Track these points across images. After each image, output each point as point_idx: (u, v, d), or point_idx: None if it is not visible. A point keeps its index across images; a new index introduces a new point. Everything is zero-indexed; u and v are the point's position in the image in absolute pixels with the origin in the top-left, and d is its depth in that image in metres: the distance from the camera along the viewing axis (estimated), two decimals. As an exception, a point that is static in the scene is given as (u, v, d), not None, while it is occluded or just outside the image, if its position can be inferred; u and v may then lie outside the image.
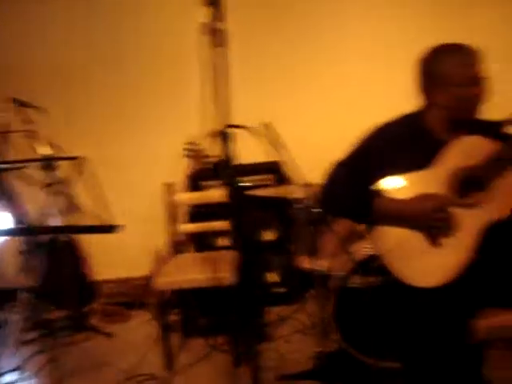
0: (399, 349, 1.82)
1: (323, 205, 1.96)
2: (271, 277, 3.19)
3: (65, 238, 3.24)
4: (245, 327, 2.83)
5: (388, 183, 1.76)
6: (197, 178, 3.17)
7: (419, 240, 1.72)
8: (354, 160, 1.85)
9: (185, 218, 3.09)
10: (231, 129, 1.86)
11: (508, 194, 1.69)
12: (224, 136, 1.87)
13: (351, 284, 2.31)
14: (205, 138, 2.18)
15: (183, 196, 3.03)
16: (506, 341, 2.26)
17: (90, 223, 2.76)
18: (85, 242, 3.38)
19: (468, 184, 1.71)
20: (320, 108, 3.47)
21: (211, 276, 2.52)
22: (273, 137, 2.42)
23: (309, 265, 2.64)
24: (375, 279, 2.16)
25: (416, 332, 1.68)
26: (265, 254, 3.17)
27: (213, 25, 1.67)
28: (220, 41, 1.68)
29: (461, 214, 1.70)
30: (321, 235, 2.64)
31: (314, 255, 2.63)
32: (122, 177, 3.48)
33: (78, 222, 2.96)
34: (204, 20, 1.66)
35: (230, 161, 1.93)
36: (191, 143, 2.80)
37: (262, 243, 3.17)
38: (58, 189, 2.96)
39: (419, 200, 1.71)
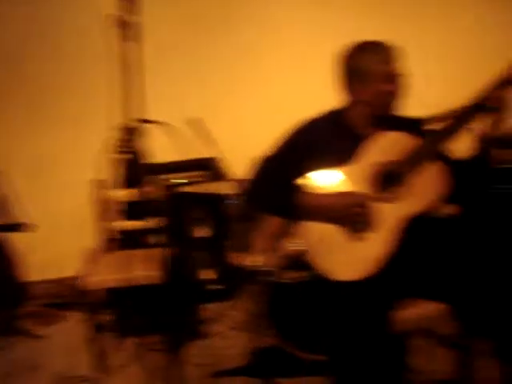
0: (325, 341, 1.84)
1: (248, 200, 1.96)
2: (206, 274, 3.17)
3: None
4: (178, 325, 2.81)
5: (311, 179, 1.78)
6: (127, 175, 3.11)
7: (341, 235, 1.75)
8: (279, 155, 1.86)
9: (116, 216, 3.03)
10: (145, 124, 1.82)
11: (426, 188, 1.73)
12: (134, 131, 1.83)
13: (282, 279, 2.32)
14: (121, 134, 2.13)
15: (114, 193, 2.97)
16: (427, 330, 2.34)
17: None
18: (13, 243, 3.26)
19: (388, 179, 1.75)
20: (251, 103, 3.46)
21: (143, 274, 2.49)
22: (203, 133, 2.40)
23: (243, 261, 2.64)
24: (305, 274, 2.17)
25: (339, 324, 1.71)
26: (199, 251, 3.15)
27: (124, 17, 1.63)
28: (132, 34, 1.64)
29: (381, 209, 1.73)
30: (253, 231, 2.64)
31: (248, 251, 2.63)
32: (46, 175, 3.35)
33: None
34: (113, 12, 1.62)
35: (141, 157, 1.90)
36: (115, 138, 2.74)
37: (197, 240, 3.15)
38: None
39: (339, 196, 1.74)
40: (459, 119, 1.72)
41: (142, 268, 2.58)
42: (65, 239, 3.25)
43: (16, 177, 3.01)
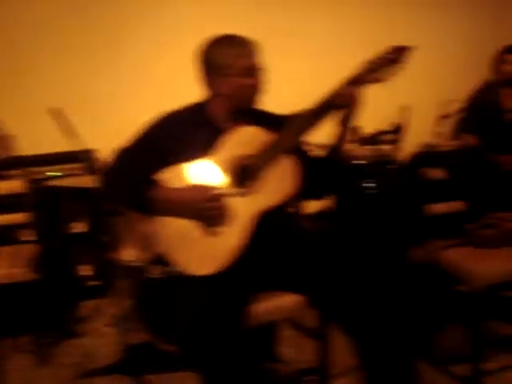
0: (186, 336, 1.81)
1: (104, 193, 1.90)
2: (83, 270, 3.07)
3: None
4: (51, 324, 2.70)
5: (167, 172, 1.75)
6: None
7: (196, 230, 1.73)
8: (136, 148, 1.82)
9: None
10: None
11: (280, 182, 1.75)
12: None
13: (151, 274, 2.28)
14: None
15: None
16: (292, 321, 2.40)
17: None
18: None
19: (243, 173, 1.76)
20: (116, 93, 3.34)
21: (7, 272, 2.37)
22: (64, 124, 2.30)
23: (118, 256, 2.57)
24: (171, 269, 2.15)
25: (195, 319, 1.69)
26: (75, 247, 3.04)
27: None
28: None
29: (235, 203, 1.74)
30: (125, 225, 2.58)
31: (123, 246, 2.57)
32: None
33: None
34: None
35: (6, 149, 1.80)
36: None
37: (72, 235, 3.03)
38: None
39: (193, 190, 1.72)
40: (311, 116, 1.75)
41: (7, 265, 2.45)
42: None
43: None
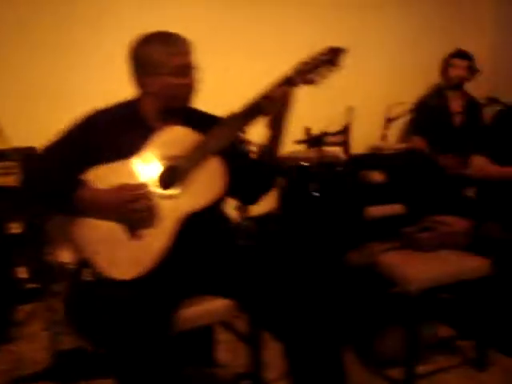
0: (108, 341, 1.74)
1: (23, 193, 1.82)
2: (20, 272, 2.96)
3: None
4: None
5: (94, 172, 1.69)
6: None
7: (120, 232, 1.66)
8: (60, 146, 1.74)
9: None
10: None
11: (207, 185, 1.70)
12: None
13: (83, 277, 2.21)
14: None
15: None
16: (227, 325, 2.37)
17: None
18: None
19: (170, 174, 1.70)
20: (88, 90, 3.19)
21: None
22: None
23: (53, 258, 2.49)
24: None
25: (120, 324, 1.63)
26: (11, 249, 2.93)
27: None
28: None
29: (161, 205, 1.68)
30: (57, 227, 2.50)
31: (58, 248, 2.49)
32: None
33: None
34: None
35: None
36: None
37: (9, 236, 2.92)
38: None
39: (116, 190, 1.65)
40: (241, 118, 1.72)
41: None
42: None
43: None
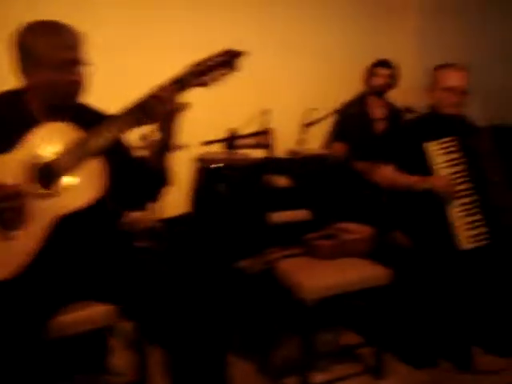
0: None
1: None
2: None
3: None
4: None
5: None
6: None
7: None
8: None
9: None
10: None
11: (85, 185, 1.61)
12: None
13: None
14: None
15: None
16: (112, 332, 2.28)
17: None
18: None
19: (45, 172, 1.60)
20: None
21: None
22: None
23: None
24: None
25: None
26: None
27: None
28: None
29: (35, 205, 1.57)
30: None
31: None
32: None
33: None
34: None
35: None
36: None
37: None
38: None
39: None
40: (125, 118, 1.63)
41: None
42: None
43: None
